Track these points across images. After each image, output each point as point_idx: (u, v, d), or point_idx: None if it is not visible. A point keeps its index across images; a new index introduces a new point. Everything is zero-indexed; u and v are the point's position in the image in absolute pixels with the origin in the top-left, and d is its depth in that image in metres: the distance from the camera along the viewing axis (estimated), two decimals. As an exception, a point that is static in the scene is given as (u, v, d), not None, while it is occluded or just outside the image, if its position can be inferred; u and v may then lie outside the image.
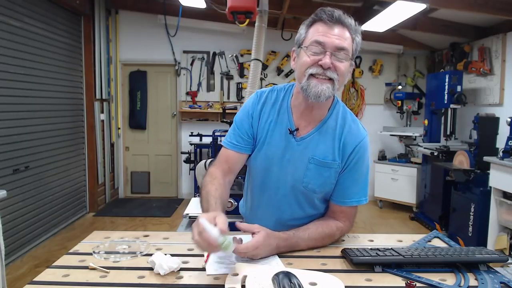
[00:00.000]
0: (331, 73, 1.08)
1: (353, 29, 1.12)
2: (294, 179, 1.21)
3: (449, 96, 4.23)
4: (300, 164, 1.20)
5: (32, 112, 3.63)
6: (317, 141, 1.20)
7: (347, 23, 1.10)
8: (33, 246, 3.65)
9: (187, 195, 5.61)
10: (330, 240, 1.20)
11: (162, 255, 0.99)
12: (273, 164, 1.23)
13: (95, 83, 4.80)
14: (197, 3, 4.22)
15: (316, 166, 1.19)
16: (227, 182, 1.25)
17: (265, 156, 1.24)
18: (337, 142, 1.19)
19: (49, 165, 3.93)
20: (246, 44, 5.29)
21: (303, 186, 1.21)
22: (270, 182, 1.26)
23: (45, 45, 3.86)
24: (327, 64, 1.07)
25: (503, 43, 4.05)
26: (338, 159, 1.19)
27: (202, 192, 1.19)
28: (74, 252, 1.12)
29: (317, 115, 1.20)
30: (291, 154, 1.21)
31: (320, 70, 1.08)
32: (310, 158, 1.19)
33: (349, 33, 1.11)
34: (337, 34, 1.08)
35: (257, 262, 1.05)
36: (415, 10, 3.55)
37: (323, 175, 1.19)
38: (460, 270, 1.00)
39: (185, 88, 5.54)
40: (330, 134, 1.20)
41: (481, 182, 3.46)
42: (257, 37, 3.28)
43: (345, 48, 1.09)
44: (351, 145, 1.19)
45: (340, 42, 1.08)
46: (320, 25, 1.10)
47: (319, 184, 1.20)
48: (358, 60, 5.53)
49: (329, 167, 1.19)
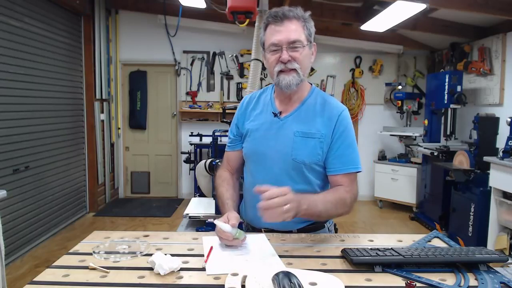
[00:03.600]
0: (291, 64, 1.25)
1: (301, 17, 1.26)
2: (283, 153, 1.30)
3: (449, 96, 4.23)
4: (287, 139, 1.31)
5: (32, 112, 3.63)
6: (299, 117, 1.33)
7: (293, 16, 1.25)
8: (33, 246, 3.65)
9: (187, 195, 5.61)
10: (343, 205, 1.25)
11: (162, 255, 0.99)
12: (262, 144, 1.34)
13: (95, 83, 4.80)
14: (197, 3, 4.22)
15: (301, 138, 1.30)
16: (235, 180, 1.47)
17: (254, 140, 1.37)
18: (320, 116, 1.32)
19: (49, 165, 3.93)
20: (246, 44, 5.29)
21: (293, 158, 1.29)
22: (261, 164, 1.35)
23: (45, 45, 3.86)
24: (285, 58, 1.24)
25: (503, 43, 4.05)
26: (323, 130, 1.29)
27: (216, 193, 1.44)
28: (74, 252, 1.12)
29: (296, 100, 1.35)
30: (278, 132, 1.33)
31: (283, 65, 1.25)
32: (295, 132, 1.30)
33: (297, 23, 1.25)
34: (286, 30, 1.24)
35: (257, 262, 1.05)
36: (415, 10, 3.55)
37: (308, 144, 1.29)
38: (460, 270, 1.00)
39: (185, 88, 5.54)
40: (311, 110, 1.33)
41: (481, 182, 3.46)
42: (257, 37, 3.29)
43: (296, 39, 1.24)
44: (335, 116, 1.31)
45: (290, 36, 1.23)
46: (271, 27, 1.27)
47: (307, 154, 1.29)
48: (358, 60, 5.53)
49: (313, 137, 1.29)
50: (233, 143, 1.46)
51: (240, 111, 1.45)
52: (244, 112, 1.44)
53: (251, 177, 1.39)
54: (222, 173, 1.47)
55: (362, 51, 5.44)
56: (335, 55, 5.52)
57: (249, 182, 1.40)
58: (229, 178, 1.45)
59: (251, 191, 1.35)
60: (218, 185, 1.43)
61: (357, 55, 5.51)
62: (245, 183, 1.45)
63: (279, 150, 1.31)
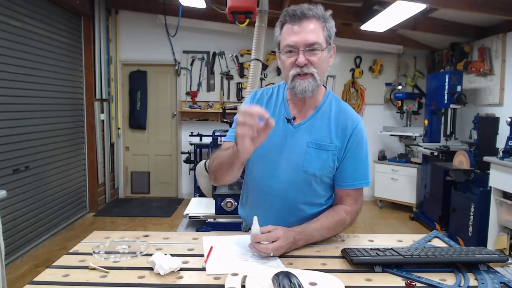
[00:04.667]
0: (308, 68, 1.16)
1: (321, 17, 1.17)
2: (294, 164, 1.24)
3: (449, 96, 4.23)
4: (299, 149, 1.24)
5: (32, 112, 3.63)
6: (313, 126, 1.26)
7: (312, 15, 1.16)
8: (33, 246, 3.65)
9: (187, 195, 5.61)
10: (342, 226, 1.24)
11: (162, 255, 0.99)
12: (272, 151, 1.26)
13: (95, 83, 4.80)
14: (197, 3, 4.22)
15: (314, 150, 1.23)
16: None
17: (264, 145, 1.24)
18: (334, 126, 1.25)
19: (49, 165, 3.93)
20: (246, 44, 5.29)
21: (303, 170, 1.23)
22: (269, 171, 1.28)
23: (45, 45, 3.86)
24: (302, 62, 1.15)
25: (503, 43, 4.05)
26: (337, 142, 1.24)
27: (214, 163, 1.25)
28: (74, 252, 1.12)
29: (311, 105, 1.27)
30: (290, 141, 1.25)
31: (299, 69, 1.16)
32: (308, 142, 1.24)
33: (317, 23, 1.16)
34: (304, 30, 1.15)
35: (257, 262, 1.05)
36: (415, 10, 3.55)
37: (321, 157, 1.23)
38: (460, 270, 1.00)
39: (185, 88, 5.54)
40: (326, 119, 1.26)
41: (481, 182, 3.47)
42: (257, 37, 3.29)
43: (315, 42, 1.15)
44: (350, 128, 1.24)
45: (308, 38, 1.14)
46: (288, 27, 1.17)
47: (318, 167, 1.23)
48: (358, 60, 5.53)
49: (327, 150, 1.23)
50: None
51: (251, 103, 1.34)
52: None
53: (255, 182, 1.33)
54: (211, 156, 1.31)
55: (362, 51, 5.44)
56: (335, 55, 5.51)
57: (252, 185, 1.35)
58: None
59: (255, 195, 1.35)
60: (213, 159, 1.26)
61: (357, 55, 5.51)
62: (248, 185, 1.39)
63: (290, 160, 1.24)
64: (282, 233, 1.08)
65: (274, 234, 1.07)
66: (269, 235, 1.07)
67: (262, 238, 1.06)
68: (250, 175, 1.36)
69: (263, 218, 1.13)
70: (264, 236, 1.06)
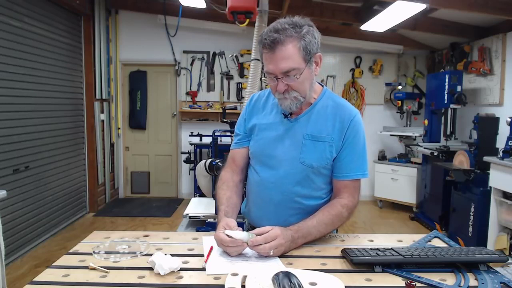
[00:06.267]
0: (288, 94, 1.20)
1: (296, 36, 1.14)
2: (291, 156, 1.27)
3: (449, 96, 4.23)
4: (296, 141, 1.28)
5: (32, 112, 3.63)
6: (310, 120, 1.29)
7: (285, 38, 1.13)
8: (33, 246, 3.65)
9: (187, 195, 5.61)
10: (340, 220, 1.25)
11: (162, 255, 0.99)
12: (270, 145, 1.31)
13: (95, 83, 4.80)
14: (197, 3, 4.22)
15: (311, 141, 1.26)
16: (238, 181, 1.40)
17: (262, 139, 1.33)
18: (331, 119, 1.28)
19: (49, 165, 3.93)
20: (246, 44, 5.29)
21: (301, 162, 1.26)
22: (268, 164, 1.32)
23: (45, 45, 3.86)
24: (281, 90, 1.19)
25: (503, 43, 4.05)
26: (334, 135, 1.26)
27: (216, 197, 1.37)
28: (74, 252, 1.12)
29: (306, 103, 1.29)
30: (287, 134, 1.29)
31: (281, 95, 1.21)
32: (304, 135, 1.27)
33: (291, 44, 1.14)
34: (277, 58, 1.14)
35: (257, 262, 1.05)
36: (415, 10, 3.55)
37: (318, 148, 1.26)
38: (460, 270, 1.00)
39: (185, 88, 5.54)
40: (323, 113, 1.29)
41: (481, 182, 3.46)
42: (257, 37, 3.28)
43: (290, 69, 1.15)
44: (347, 121, 1.27)
45: (282, 67, 1.15)
46: (264, 52, 1.18)
47: (316, 158, 1.26)
48: (358, 60, 5.53)
49: (323, 141, 1.26)
50: (241, 140, 1.40)
51: (249, 107, 1.41)
52: (253, 109, 1.40)
53: (255, 177, 1.36)
54: (223, 175, 1.40)
55: (362, 51, 5.44)
56: (335, 55, 5.52)
57: (253, 181, 1.37)
58: (230, 179, 1.38)
59: (255, 190, 1.37)
60: (218, 187, 1.37)
61: (357, 55, 5.51)
62: (249, 182, 1.41)
63: (287, 153, 1.28)
64: (279, 232, 1.10)
65: (271, 234, 1.08)
66: (267, 235, 1.08)
67: (260, 240, 1.07)
68: (250, 170, 1.40)
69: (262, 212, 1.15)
70: (262, 237, 1.07)
